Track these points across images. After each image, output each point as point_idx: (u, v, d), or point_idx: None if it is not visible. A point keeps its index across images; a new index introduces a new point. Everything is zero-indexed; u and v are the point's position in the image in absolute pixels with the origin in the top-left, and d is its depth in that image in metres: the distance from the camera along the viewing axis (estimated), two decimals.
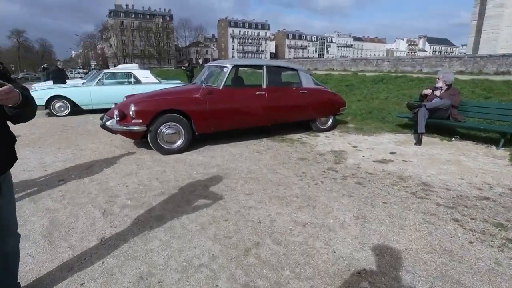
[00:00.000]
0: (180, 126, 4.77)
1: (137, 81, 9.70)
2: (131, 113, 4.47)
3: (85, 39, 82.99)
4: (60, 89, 8.91)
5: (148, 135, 4.62)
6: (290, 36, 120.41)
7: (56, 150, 5.14)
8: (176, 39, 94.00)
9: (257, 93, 5.33)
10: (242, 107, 5.20)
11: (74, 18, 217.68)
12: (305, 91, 5.80)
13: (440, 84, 5.67)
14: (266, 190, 3.37)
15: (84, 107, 9.14)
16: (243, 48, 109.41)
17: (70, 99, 8.92)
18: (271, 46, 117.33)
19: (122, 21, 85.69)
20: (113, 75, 9.83)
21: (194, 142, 5.08)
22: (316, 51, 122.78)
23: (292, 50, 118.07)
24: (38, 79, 26.91)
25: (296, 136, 5.97)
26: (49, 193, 3.33)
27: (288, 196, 3.21)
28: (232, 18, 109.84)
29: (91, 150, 5.14)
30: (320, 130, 6.23)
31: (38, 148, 5.25)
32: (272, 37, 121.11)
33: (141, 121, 4.50)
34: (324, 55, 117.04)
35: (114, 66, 61.43)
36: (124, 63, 77.60)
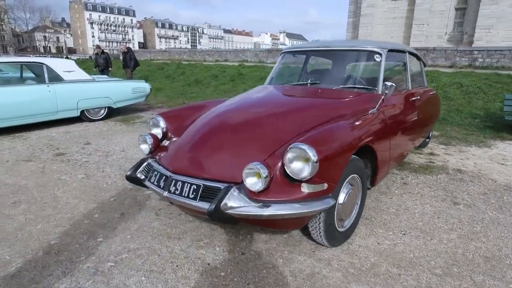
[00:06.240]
0: (358, 179, 2.21)
1: (55, 78, 5.69)
2: (305, 167, 1.68)
3: None
4: None
5: (321, 213, 1.92)
6: (160, 25, 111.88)
7: None
8: (14, 21, 73.70)
9: (412, 99, 3.14)
10: (407, 125, 2.93)
11: None
12: (433, 93, 3.93)
13: None
14: None
15: None
16: (105, 36, 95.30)
17: None
18: (138, 35, 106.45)
19: None
20: (9, 68, 5.47)
21: None
22: (188, 42, 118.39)
23: (163, 40, 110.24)
24: None
25: (417, 159, 4.05)
26: None
27: None
28: (88, 0, 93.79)
29: None
30: (425, 144, 4.49)
31: None
32: (139, 25, 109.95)
33: (327, 185, 1.77)
34: (196, 46, 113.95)
35: None
36: None
